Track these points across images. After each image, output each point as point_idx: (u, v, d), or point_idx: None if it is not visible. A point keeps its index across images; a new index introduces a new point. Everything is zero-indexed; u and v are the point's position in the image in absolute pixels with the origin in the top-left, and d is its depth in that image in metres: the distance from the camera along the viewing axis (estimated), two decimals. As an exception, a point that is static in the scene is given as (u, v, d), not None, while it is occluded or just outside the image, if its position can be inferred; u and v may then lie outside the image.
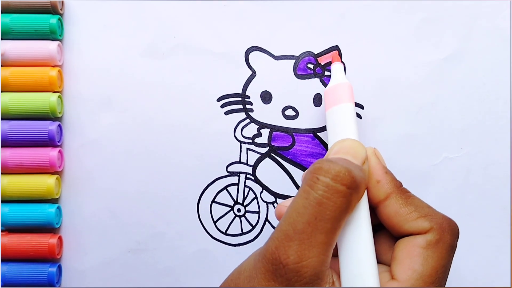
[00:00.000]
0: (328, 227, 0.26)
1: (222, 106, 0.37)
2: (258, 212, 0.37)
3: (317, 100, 0.37)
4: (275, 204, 0.37)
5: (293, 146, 0.37)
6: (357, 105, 0.37)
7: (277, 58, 0.37)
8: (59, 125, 0.36)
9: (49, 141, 0.35)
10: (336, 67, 0.34)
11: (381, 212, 0.29)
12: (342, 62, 0.36)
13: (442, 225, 0.28)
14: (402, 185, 0.29)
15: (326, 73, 0.36)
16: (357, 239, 0.27)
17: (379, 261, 0.29)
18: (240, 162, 0.37)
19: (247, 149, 0.37)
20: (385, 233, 0.30)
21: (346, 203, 0.26)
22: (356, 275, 0.27)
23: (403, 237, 0.28)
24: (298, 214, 0.26)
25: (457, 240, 0.28)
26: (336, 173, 0.26)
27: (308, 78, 0.37)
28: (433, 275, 0.27)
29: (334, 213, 0.26)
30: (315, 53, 0.36)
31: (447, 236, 0.28)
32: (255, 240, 0.37)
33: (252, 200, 0.37)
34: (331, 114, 0.32)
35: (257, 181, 0.37)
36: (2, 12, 0.36)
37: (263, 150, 0.37)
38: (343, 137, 0.31)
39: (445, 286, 0.28)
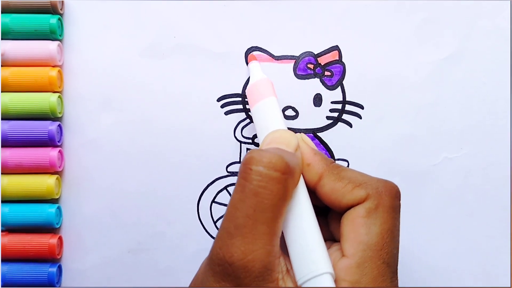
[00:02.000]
0: (268, 217, 0.25)
1: (222, 106, 0.37)
2: (258, 212, 0.37)
3: (317, 100, 0.37)
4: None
5: (293, 146, 0.37)
6: (357, 105, 0.37)
7: (277, 58, 0.37)
8: (59, 125, 0.36)
9: (49, 141, 0.35)
10: (252, 66, 0.35)
11: (319, 193, 0.29)
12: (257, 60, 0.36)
13: (378, 190, 0.27)
14: (333, 162, 0.29)
15: (326, 73, 0.36)
16: (301, 224, 0.27)
17: (334, 240, 0.29)
18: (240, 162, 0.37)
19: (247, 149, 0.37)
20: (333, 212, 0.30)
21: (283, 189, 0.26)
22: (308, 262, 0.26)
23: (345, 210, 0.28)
24: (236, 209, 0.26)
25: (399, 200, 0.28)
26: (268, 161, 0.26)
27: (308, 78, 0.37)
28: (380, 241, 0.26)
29: (272, 201, 0.25)
30: (315, 53, 0.36)
31: (386, 198, 0.27)
32: (255, 240, 0.37)
33: (252, 200, 0.37)
34: (257, 111, 0.32)
35: (257, 181, 0.37)
36: (2, 12, 0.36)
37: (263, 150, 0.37)
38: (272, 129, 0.31)
39: (398, 247, 0.28)
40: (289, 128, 0.37)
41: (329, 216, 0.30)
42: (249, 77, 0.36)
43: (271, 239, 0.25)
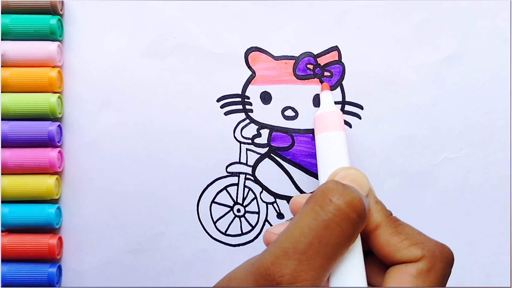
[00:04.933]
0: (330, 253, 0.25)
1: (221, 107, 0.37)
2: (258, 213, 0.37)
3: (317, 100, 0.37)
4: (274, 205, 0.37)
5: (292, 146, 0.37)
6: (357, 105, 0.37)
7: (276, 58, 0.37)
8: (59, 126, 0.36)
9: (49, 142, 0.35)
10: (324, 96, 0.34)
11: (372, 242, 0.28)
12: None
13: (434, 253, 0.27)
14: (391, 214, 0.29)
15: (326, 73, 0.36)
16: (350, 268, 0.27)
17: (371, 285, 0.29)
18: (239, 162, 0.37)
19: (247, 149, 0.37)
20: (376, 257, 0.29)
21: (353, 232, 0.26)
22: None
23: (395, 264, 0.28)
24: (302, 234, 0.25)
25: (451, 267, 0.28)
26: (351, 199, 0.25)
27: (307, 79, 0.37)
28: None
29: (339, 239, 0.25)
30: (315, 54, 0.36)
31: (439, 264, 0.27)
32: (254, 241, 0.37)
33: (252, 200, 0.37)
34: (326, 140, 0.32)
35: (256, 181, 0.37)
36: (2, 13, 0.36)
37: (263, 150, 0.37)
38: (337, 164, 0.30)
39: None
40: (288, 129, 0.37)
41: (369, 259, 0.29)
42: (250, 76, 0.36)
43: (323, 275, 0.25)
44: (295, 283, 0.24)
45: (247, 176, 0.37)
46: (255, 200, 0.37)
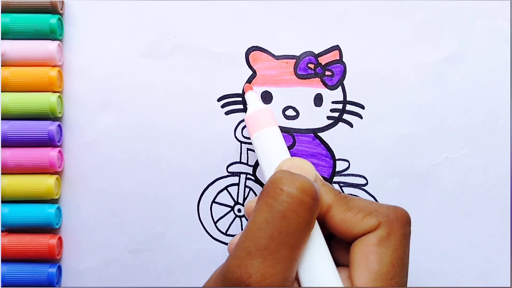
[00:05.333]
0: (293, 242, 0.25)
1: (222, 106, 0.37)
2: (259, 212, 0.37)
3: (318, 100, 0.37)
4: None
5: (293, 146, 0.37)
6: (357, 105, 0.37)
7: (277, 57, 0.37)
8: (59, 125, 0.36)
9: (49, 141, 0.35)
10: (249, 96, 0.35)
11: (329, 223, 0.28)
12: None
13: (389, 217, 0.27)
14: (340, 193, 0.29)
15: (327, 73, 0.36)
16: (316, 254, 0.27)
17: (339, 265, 0.29)
18: (240, 162, 0.37)
19: (248, 149, 0.37)
20: (338, 238, 0.30)
21: (310, 216, 0.26)
22: None
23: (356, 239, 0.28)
24: (260, 229, 0.25)
25: (409, 226, 0.28)
26: (301, 184, 0.25)
27: (308, 78, 0.37)
28: (391, 270, 0.26)
29: (299, 226, 0.25)
30: (316, 53, 0.36)
31: (396, 226, 0.27)
32: (255, 240, 0.37)
33: (253, 200, 0.37)
34: (260, 138, 0.33)
35: (257, 181, 0.37)
36: (2, 12, 0.36)
37: (264, 150, 0.37)
38: (279, 157, 0.31)
39: (407, 274, 0.27)
40: (289, 128, 0.37)
41: (333, 241, 0.30)
42: (250, 76, 0.37)
43: (291, 265, 0.25)
44: (264, 280, 0.24)
45: (248, 176, 0.37)
46: (256, 200, 0.37)
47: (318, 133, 0.37)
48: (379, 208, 0.28)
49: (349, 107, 0.37)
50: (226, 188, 0.37)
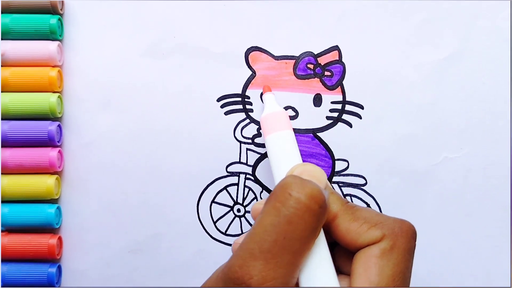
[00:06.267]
0: (296, 248, 0.25)
1: (222, 106, 0.37)
2: (258, 212, 0.37)
3: (317, 100, 0.37)
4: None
5: (293, 146, 0.37)
6: (357, 105, 0.37)
7: (277, 58, 0.37)
8: (58, 125, 0.36)
9: (49, 141, 0.35)
10: (267, 97, 0.35)
11: (334, 232, 0.28)
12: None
13: (394, 230, 0.27)
14: (347, 202, 0.29)
15: (326, 73, 0.36)
16: (318, 261, 0.27)
17: (341, 273, 0.29)
18: (240, 162, 0.37)
19: (247, 149, 0.37)
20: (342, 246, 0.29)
21: (316, 223, 0.26)
22: None
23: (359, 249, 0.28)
24: (265, 232, 0.25)
25: (414, 241, 0.28)
26: (310, 191, 0.25)
27: (308, 78, 0.37)
28: (391, 284, 0.26)
29: (304, 232, 0.25)
30: (315, 53, 0.36)
31: (401, 239, 0.27)
32: (255, 240, 0.37)
33: (252, 200, 0.37)
34: (275, 140, 0.32)
35: (257, 181, 0.37)
36: (2, 12, 0.36)
37: (263, 150, 0.37)
38: (291, 161, 0.31)
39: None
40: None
41: (336, 249, 0.30)
42: (250, 76, 0.37)
43: (293, 271, 0.25)
44: (265, 283, 0.24)
45: (247, 176, 0.37)
46: (255, 200, 0.37)
47: (317, 133, 0.37)
48: (385, 221, 0.28)
49: (348, 107, 0.37)
50: (225, 188, 0.37)
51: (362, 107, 0.37)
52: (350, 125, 0.37)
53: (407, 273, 0.27)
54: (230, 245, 0.37)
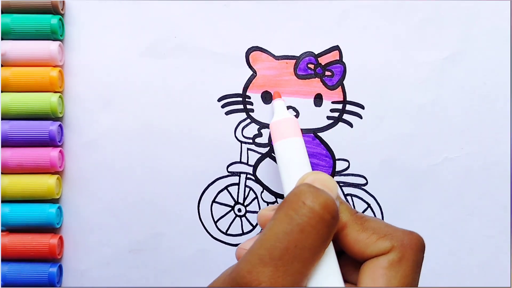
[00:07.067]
0: (306, 257, 0.25)
1: (222, 106, 0.37)
2: (259, 212, 0.37)
3: (318, 100, 0.37)
4: (275, 204, 0.37)
5: (293, 146, 0.37)
6: (357, 105, 0.37)
7: (277, 58, 0.37)
8: (59, 125, 0.36)
9: (50, 141, 0.35)
10: (277, 103, 0.35)
11: (342, 241, 0.28)
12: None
13: (403, 242, 0.27)
14: (357, 212, 0.29)
15: (327, 73, 0.37)
16: (326, 270, 0.27)
17: (347, 282, 0.29)
18: (240, 162, 0.37)
19: (248, 149, 0.37)
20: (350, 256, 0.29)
21: (328, 233, 0.25)
22: None
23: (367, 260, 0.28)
24: (277, 239, 0.25)
25: (423, 253, 0.28)
26: (324, 201, 0.25)
27: (308, 78, 0.37)
28: None
29: (316, 242, 0.25)
30: (316, 53, 0.37)
31: (409, 252, 0.27)
32: (255, 240, 0.37)
33: (253, 200, 0.37)
34: (284, 146, 0.32)
35: (257, 181, 0.37)
36: (3, 12, 0.36)
37: (264, 150, 0.37)
38: (301, 169, 0.31)
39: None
40: (289, 128, 0.37)
41: (343, 258, 0.29)
42: (250, 76, 0.37)
43: (301, 279, 0.25)
44: None
45: (248, 175, 0.37)
46: (256, 199, 0.37)
47: (318, 133, 0.37)
48: (394, 232, 0.27)
49: (349, 107, 0.37)
50: (226, 187, 0.37)
51: (362, 107, 0.37)
52: (350, 125, 0.37)
53: (414, 286, 0.27)
54: (231, 244, 0.37)
